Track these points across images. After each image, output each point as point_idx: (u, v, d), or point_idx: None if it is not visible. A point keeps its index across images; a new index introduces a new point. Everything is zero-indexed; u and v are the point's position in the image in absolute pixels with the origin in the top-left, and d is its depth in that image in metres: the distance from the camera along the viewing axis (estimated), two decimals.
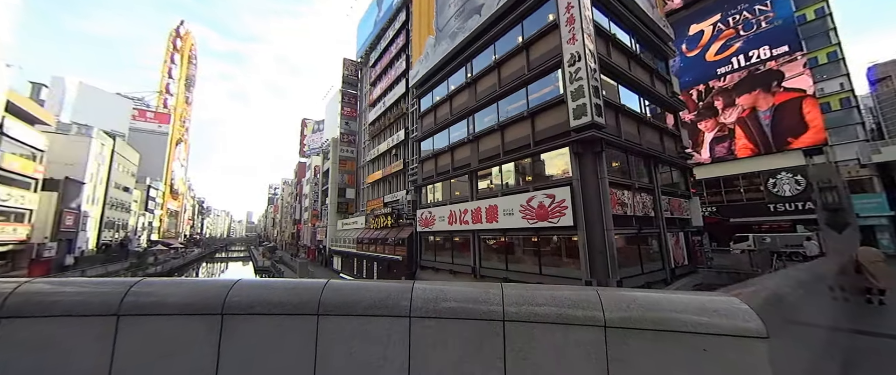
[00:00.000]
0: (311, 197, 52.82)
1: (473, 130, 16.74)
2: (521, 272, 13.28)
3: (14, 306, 1.77)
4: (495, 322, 2.01)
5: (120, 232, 46.86)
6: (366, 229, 29.94)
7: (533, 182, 13.34)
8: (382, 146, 30.20)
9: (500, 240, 14.90)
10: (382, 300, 2.05)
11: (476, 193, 16.26)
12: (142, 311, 1.85)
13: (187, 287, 2.04)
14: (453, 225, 17.07)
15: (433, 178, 19.99)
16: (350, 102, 40.27)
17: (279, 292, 2.01)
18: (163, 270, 43.55)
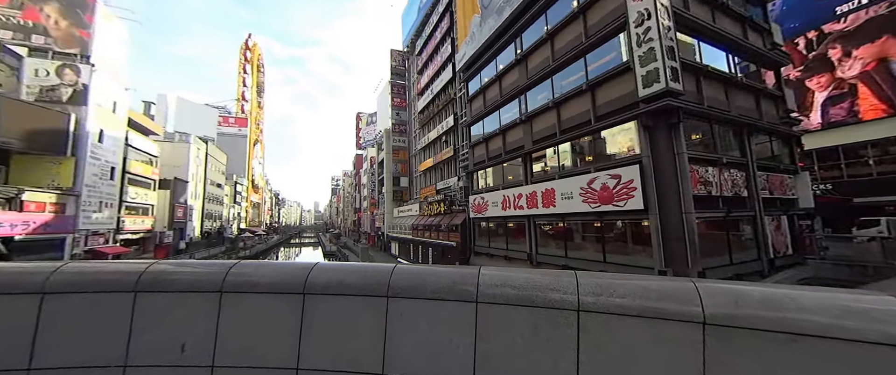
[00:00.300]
0: (368, 187, 55.73)
1: (526, 109, 15.76)
2: (582, 259, 12.35)
3: (146, 282, 2.18)
4: (568, 312, 1.90)
5: (216, 222, 54.52)
6: (420, 215, 30.66)
7: (594, 162, 12.16)
8: (432, 134, 30.30)
9: (557, 226, 14.02)
10: (449, 284, 2.06)
11: (530, 176, 15.43)
12: (239, 289, 2.13)
13: (274, 269, 2.28)
14: (507, 211, 16.50)
15: (484, 163, 19.47)
16: (399, 92, 40.98)
17: (353, 274, 2.15)
18: (250, 253, 49.94)
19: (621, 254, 11.10)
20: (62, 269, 2.25)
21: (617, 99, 11.33)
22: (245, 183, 71.00)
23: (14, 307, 2.15)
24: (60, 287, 2.18)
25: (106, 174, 26.56)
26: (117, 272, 2.29)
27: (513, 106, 16.94)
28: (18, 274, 2.27)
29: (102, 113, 26.02)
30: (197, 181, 46.27)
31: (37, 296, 2.14)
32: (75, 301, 2.17)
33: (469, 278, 2.06)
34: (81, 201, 23.80)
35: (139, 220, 31.35)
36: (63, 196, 22.66)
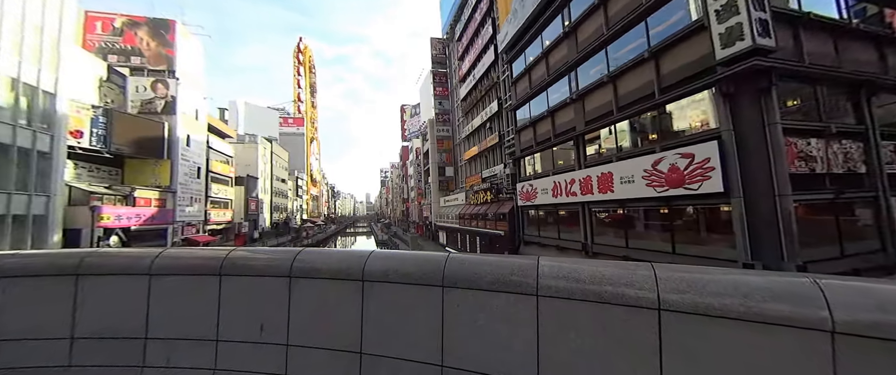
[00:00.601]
0: (414, 177, 57.01)
1: (576, 87, 14.53)
2: (646, 250, 11.16)
3: (228, 266, 2.38)
4: (646, 311, 1.66)
5: (283, 213, 60.17)
6: (466, 204, 30.54)
7: (659, 141, 10.79)
8: (476, 121, 29.71)
9: (616, 213, 12.86)
10: (506, 275, 1.93)
11: (584, 160, 14.30)
12: (305, 274, 2.25)
13: (334, 256, 2.36)
14: (558, 197, 15.56)
15: (532, 148, 18.54)
16: (441, 81, 40.76)
17: (407, 263, 2.15)
18: (312, 241, 54.39)
19: (694, 244, 9.79)
20: (162, 255, 2.54)
21: (686, 65, 9.85)
22: (305, 178, 77.06)
23: (131, 285, 2.46)
24: (162, 270, 2.46)
25: (193, 173, 30.49)
26: (204, 257, 2.53)
27: (562, 85, 15.74)
28: (131, 258, 2.60)
29: (187, 120, 29.72)
30: (265, 178, 51.21)
31: (146, 277, 2.44)
32: (174, 282, 2.45)
33: (527, 269, 1.91)
34: (177, 196, 27.66)
35: (221, 212, 35.70)
36: (163, 193, 26.51)
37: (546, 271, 1.88)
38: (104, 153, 22.68)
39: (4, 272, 2.54)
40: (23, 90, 16.23)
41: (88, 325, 2.43)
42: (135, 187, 24.68)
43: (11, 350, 2.44)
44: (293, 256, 2.32)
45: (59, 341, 2.41)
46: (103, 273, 2.51)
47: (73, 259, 2.54)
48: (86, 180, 22.38)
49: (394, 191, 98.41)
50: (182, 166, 28.63)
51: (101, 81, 24.88)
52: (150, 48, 29.51)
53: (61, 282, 2.48)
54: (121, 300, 2.46)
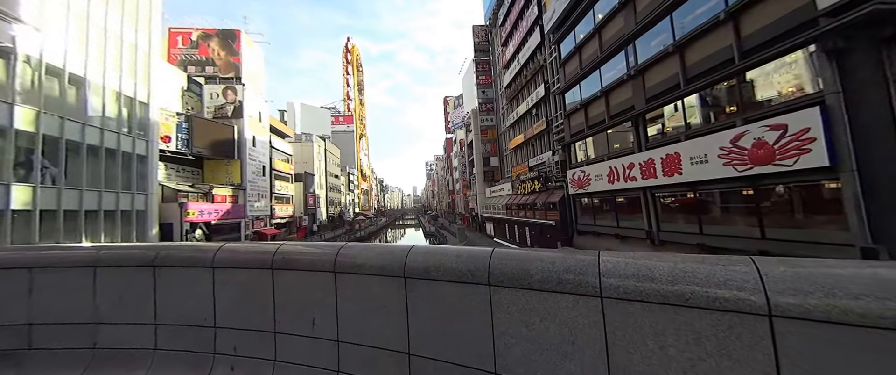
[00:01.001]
0: (459, 169, 57.07)
1: (635, 62, 13.25)
2: (727, 237, 9.91)
3: (278, 261, 2.44)
4: (751, 318, 1.31)
5: (337, 207, 64.11)
6: (513, 195, 29.84)
7: (740, 114, 9.43)
8: (521, 108, 28.71)
9: (685, 197, 11.59)
10: (559, 273, 1.68)
11: (645, 141, 13.08)
12: (348, 270, 2.22)
13: (375, 251, 2.29)
14: (615, 183, 14.46)
15: (583, 132, 17.42)
16: (484, 69, 39.97)
17: (449, 258, 2.02)
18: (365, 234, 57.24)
19: (790, 228, 8.45)
20: (222, 248, 2.65)
21: (775, 23, 8.42)
22: (355, 173, 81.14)
23: (199, 278, 2.61)
24: (222, 263, 2.58)
25: (259, 172, 33.55)
26: (257, 251, 2.59)
27: (617, 61, 14.47)
28: (196, 251, 2.78)
29: (253, 123, 32.67)
30: (320, 174, 54.79)
31: (209, 270, 2.58)
32: (233, 275, 2.56)
33: (585, 266, 1.65)
34: (246, 193, 30.68)
35: (284, 207, 38.96)
36: (235, 190, 29.55)
37: (610, 268, 1.61)
38: (187, 155, 25.81)
39: (100, 262, 2.85)
40: (124, 102, 18.98)
41: (167, 313, 2.65)
42: (212, 185, 27.82)
43: (110, 333, 2.75)
44: (336, 251, 2.29)
45: (146, 326, 2.67)
46: (175, 265, 2.70)
47: (151, 252, 2.75)
48: (174, 179, 25.71)
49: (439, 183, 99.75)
50: (250, 165, 31.61)
51: (183, 91, 28.25)
52: (221, 57, 32.80)
53: (143, 273, 2.72)
54: (191, 292, 2.62)
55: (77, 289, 2.83)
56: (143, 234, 19.51)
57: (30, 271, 2.91)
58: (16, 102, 13.67)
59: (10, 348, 2.85)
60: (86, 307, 2.79)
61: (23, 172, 13.96)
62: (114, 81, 18.26)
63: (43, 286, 2.89)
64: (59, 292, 2.88)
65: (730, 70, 9.51)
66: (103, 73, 17.61)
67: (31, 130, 14.15)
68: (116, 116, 18.51)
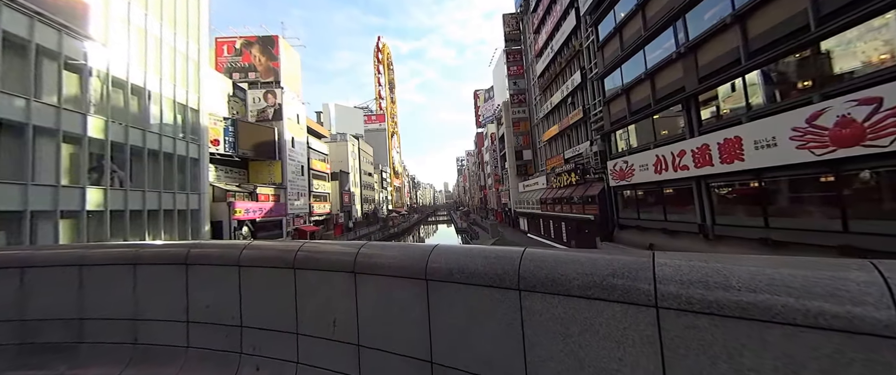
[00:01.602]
0: (491, 164, 56.23)
1: (686, 38, 11.99)
2: (798, 230, 8.68)
3: (300, 260, 2.36)
4: (875, 341, 0.98)
5: (371, 205, 65.95)
6: (548, 188, 28.77)
7: (817, 89, 8.15)
8: (555, 97, 27.47)
9: (747, 186, 10.34)
10: (604, 277, 1.41)
11: (697, 126, 11.84)
12: (368, 270, 2.11)
13: (395, 252, 2.17)
14: (662, 173, 13.30)
15: (625, 119, 16.22)
16: (515, 59, 38.79)
17: (475, 260, 1.82)
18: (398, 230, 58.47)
19: (880, 219, 7.17)
20: (248, 246, 2.60)
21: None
22: (388, 171, 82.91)
23: (226, 276, 2.58)
24: (248, 262, 2.52)
25: (298, 171, 35.18)
26: (280, 250, 2.51)
27: (663, 39, 13.21)
28: (224, 248, 2.74)
29: (291, 124, 34.25)
30: (354, 172, 56.57)
31: (235, 269, 2.54)
32: (258, 274, 2.50)
33: (636, 269, 1.38)
34: (287, 192, 32.32)
35: (321, 205, 40.64)
36: (277, 189, 31.22)
37: (668, 273, 1.30)
38: (234, 157, 27.60)
39: (140, 260, 2.90)
40: (178, 109, 20.59)
41: (197, 311, 2.65)
42: (256, 184, 29.58)
43: (148, 330, 2.79)
44: (357, 250, 2.18)
45: (179, 324, 2.67)
46: (205, 263, 2.69)
47: (183, 250, 2.76)
48: (223, 180, 27.64)
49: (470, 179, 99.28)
50: (289, 165, 33.22)
51: (229, 96, 30.20)
52: (261, 63, 34.66)
53: (176, 271, 2.73)
54: (219, 290, 2.60)
55: (119, 286, 2.91)
56: (197, 231, 21.15)
57: (79, 268, 3.03)
58: (88, 113, 15.25)
59: (63, 341, 2.99)
60: (127, 304, 2.86)
61: (95, 175, 15.58)
62: (169, 89, 19.85)
63: (90, 282, 2.99)
64: (103, 288, 2.97)
65: (803, 39, 8.23)
66: (160, 82, 19.18)
67: (100, 137, 15.74)
68: (172, 122, 20.13)
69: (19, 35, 13.00)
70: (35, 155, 13.26)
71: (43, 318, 3.02)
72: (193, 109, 21.80)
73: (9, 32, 12.64)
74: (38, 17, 13.53)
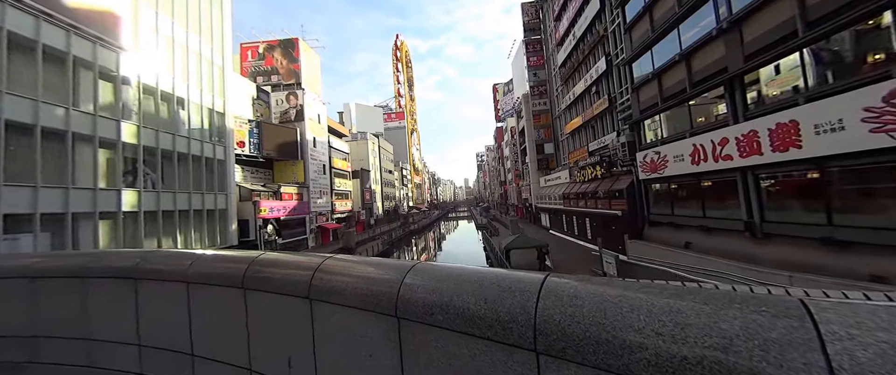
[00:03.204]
0: (510, 159, 55.06)
1: (728, 11, 10.78)
2: (871, 228, 7.53)
3: (250, 278, 1.95)
4: None
5: (392, 202, 66.55)
6: (571, 183, 27.61)
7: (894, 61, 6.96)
8: (578, 87, 26.19)
9: (805, 177, 9.16)
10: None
11: (743, 110, 10.67)
12: (325, 297, 1.66)
13: (364, 268, 1.71)
14: (701, 164, 12.17)
15: (656, 107, 15.04)
16: (535, 49, 37.46)
17: (467, 291, 1.26)
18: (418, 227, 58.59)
19: None
20: (198, 260, 2.20)
21: None
22: (408, 168, 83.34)
23: (175, 293, 2.19)
24: (198, 278, 2.12)
25: (320, 170, 35.81)
26: (231, 261, 2.10)
27: (701, 15, 12.01)
28: (174, 259, 2.36)
29: (313, 125, 34.84)
30: (375, 170, 57.16)
31: (184, 285, 2.17)
32: (207, 293, 2.10)
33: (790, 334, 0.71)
34: (310, 191, 32.97)
35: (343, 203, 41.28)
36: (300, 188, 31.89)
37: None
38: (258, 158, 28.38)
39: (86, 272, 2.54)
40: (205, 113, 21.29)
41: (149, 334, 2.28)
42: (280, 184, 30.33)
43: (101, 351, 2.44)
44: (314, 268, 1.71)
45: (130, 346, 2.32)
46: (154, 278, 2.31)
47: (130, 261, 2.38)
48: (249, 180, 28.51)
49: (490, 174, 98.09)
50: (311, 165, 33.85)
51: (253, 99, 31.06)
52: (283, 66, 35.42)
53: (123, 286, 2.36)
54: (170, 310, 2.20)
55: (71, 301, 2.59)
56: (225, 230, 21.89)
57: (31, 281, 2.73)
58: (122, 119, 15.97)
59: (18, 360, 2.69)
60: (79, 322, 2.54)
61: (130, 178, 16.34)
62: (196, 95, 20.53)
63: (43, 296, 2.70)
64: (56, 303, 2.65)
65: (874, 4, 7.05)
66: (187, 88, 19.86)
67: (134, 142, 16.46)
68: (200, 125, 20.84)
69: (58, 47, 13.69)
70: (74, 160, 13.99)
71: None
72: (219, 113, 22.48)
73: (48, 46, 13.33)
74: (73, 30, 14.20)
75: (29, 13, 12.77)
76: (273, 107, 33.31)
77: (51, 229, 13.17)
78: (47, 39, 13.31)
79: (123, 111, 16.15)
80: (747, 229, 10.62)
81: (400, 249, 40.39)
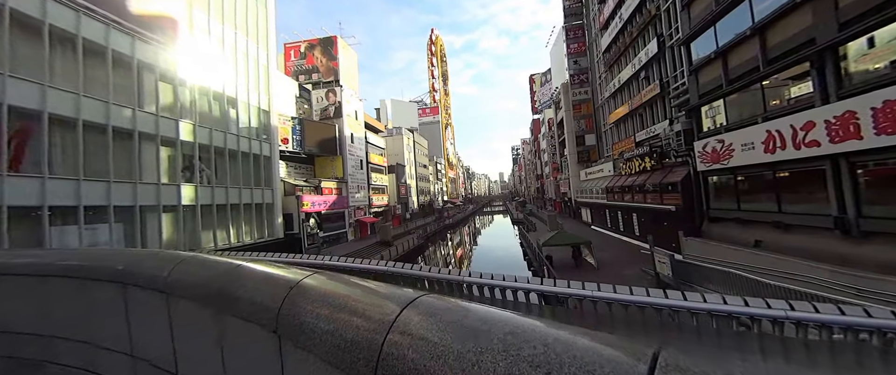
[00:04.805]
0: (548, 151, 53.00)
1: None
2: None
3: (219, 291, 1.67)
4: None
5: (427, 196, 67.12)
6: (615, 176, 25.85)
7: None
8: (625, 73, 24.28)
9: None
10: None
11: (835, 88, 9.06)
12: (293, 335, 1.33)
13: (349, 297, 1.29)
14: (777, 152, 10.61)
15: (720, 89, 13.41)
16: (576, 35, 35.37)
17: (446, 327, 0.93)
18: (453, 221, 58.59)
19: None
20: (182, 261, 1.93)
21: None
22: (443, 162, 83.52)
23: (153, 303, 1.92)
24: (178, 288, 1.82)
25: (358, 165, 36.77)
26: (210, 267, 1.82)
27: None
28: (154, 260, 2.07)
29: (350, 121, 35.78)
30: (410, 165, 57.83)
31: (162, 296, 1.91)
32: (187, 309, 1.81)
33: None
34: (348, 185, 33.98)
35: (380, 197, 42.19)
36: (339, 183, 32.97)
37: None
38: (301, 154, 29.66)
39: (82, 273, 2.33)
40: (253, 111, 22.51)
41: (142, 345, 2.02)
42: (321, 179, 31.53)
43: (100, 358, 2.24)
44: (293, 283, 1.33)
45: (122, 356, 2.06)
46: (138, 284, 1.99)
47: (112, 263, 2.11)
48: (292, 176, 29.92)
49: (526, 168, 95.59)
50: (349, 160, 34.83)
51: (296, 97, 32.47)
52: (323, 64, 36.66)
53: (115, 292, 2.08)
54: (151, 322, 1.92)
55: (75, 303, 2.42)
56: (271, 223, 23.14)
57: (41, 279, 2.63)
58: (180, 118, 17.26)
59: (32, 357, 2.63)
60: (82, 324, 2.39)
61: (188, 174, 17.68)
62: (244, 94, 21.75)
63: (53, 294, 2.60)
64: (64, 304, 2.52)
65: None
66: (236, 88, 21.07)
67: (190, 140, 17.75)
68: (248, 123, 22.08)
69: (124, 52, 15.01)
70: (141, 157, 15.35)
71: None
72: (265, 111, 23.67)
73: (116, 51, 14.64)
74: (137, 35, 15.49)
75: (101, 21, 14.06)
76: (313, 104, 34.60)
77: (123, 221, 14.58)
78: (116, 45, 14.61)
79: (181, 111, 17.44)
80: (838, 226, 9.06)
81: (435, 243, 40.57)
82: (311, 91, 34.78)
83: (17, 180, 11.52)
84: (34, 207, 11.91)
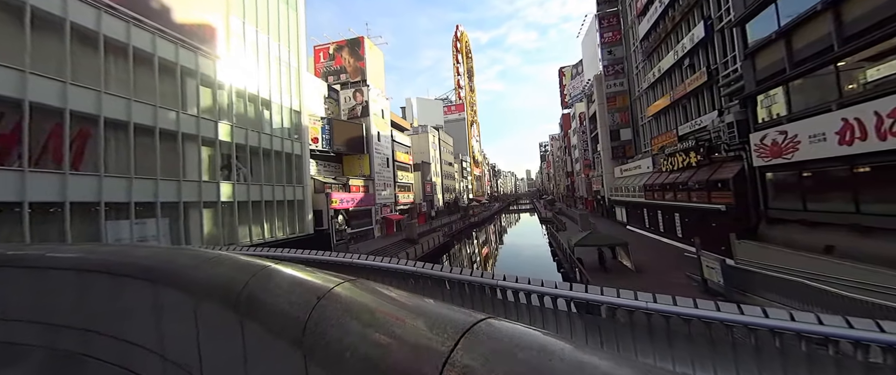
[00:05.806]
0: (579, 147, 50.97)
1: None
2: None
3: (247, 299, 1.53)
4: None
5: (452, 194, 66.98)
6: (655, 172, 24.17)
7: None
8: (666, 61, 22.59)
9: None
10: None
11: None
12: (322, 352, 1.18)
13: (395, 314, 1.12)
14: (855, 144, 9.26)
15: (782, 74, 11.97)
16: (610, 24, 33.52)
17: None
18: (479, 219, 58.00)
19: None
20: (208, 260, 1.79)
21: None
22: (468, 160, 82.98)
23: (183, 305, 1.78)
24: (204, 289, 1.69)
25: (384, 163, 37.18)
26: (232, 268, 1.68)
27: None
28: (188, 259, 1.97)
29: (377, 120, 36.21)
30: (435, 162, 57.87)
31: (190, 298, 1.81)
32: (211, 312, 1.68)
33: None
34: (375, 183, 34.44)
35: (406, 195, 42.50)
36: (366, 181, 33.48)
37: None
38: (329, 152, 30.39)
39: (108, 268, 2.29)
40: (285, 112, 23.25)
41: (171, 348, 1.88)
42: (349, 177, 32.17)
43: (133, 354, 2.17)
44: (322, 292, 1.15)
45: (154, 356, 1.94)
46: (170, 285, 1.88)
47: (147, 260, 2.03)
48: (321, 174, 30.74)
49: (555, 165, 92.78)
50: (376, 158, 35.28)
51: (325, 97, 33.31)
52: (350, 64, 37.36)
53: (143, 288, 2.02)
54: (181, 323, 1.79)
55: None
56: (302, 220, 23.86)
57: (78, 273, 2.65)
58: (219, 120, 18.10)
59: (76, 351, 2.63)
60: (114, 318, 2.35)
61: (226, 172, 18.54)
62: (277, 95, 22.50)
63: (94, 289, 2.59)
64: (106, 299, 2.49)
65: None
66: (269, 90, 21.84)
67: (228, 140, 18.59)
68: (280, 124, 22.85)
69: (169, 59, 15.90)
70: (184, 156, 16.23)
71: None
72: (296, 111, 24.40)
73: (162, 58, 15.53)
74: (180, 43, 16.36)
75: (148, 31, 14.96)
76: (341, 104, 35.33)
77: (168, 216, 15.49)
78: (162, 53, 15.50)
79: (219, 113, 18.28)
80: None
81: (460, 241, 40.25)
82: (339, 91, 35.52)
83: (79, 179, 12.51)
84: (92, 203, 12.89)
